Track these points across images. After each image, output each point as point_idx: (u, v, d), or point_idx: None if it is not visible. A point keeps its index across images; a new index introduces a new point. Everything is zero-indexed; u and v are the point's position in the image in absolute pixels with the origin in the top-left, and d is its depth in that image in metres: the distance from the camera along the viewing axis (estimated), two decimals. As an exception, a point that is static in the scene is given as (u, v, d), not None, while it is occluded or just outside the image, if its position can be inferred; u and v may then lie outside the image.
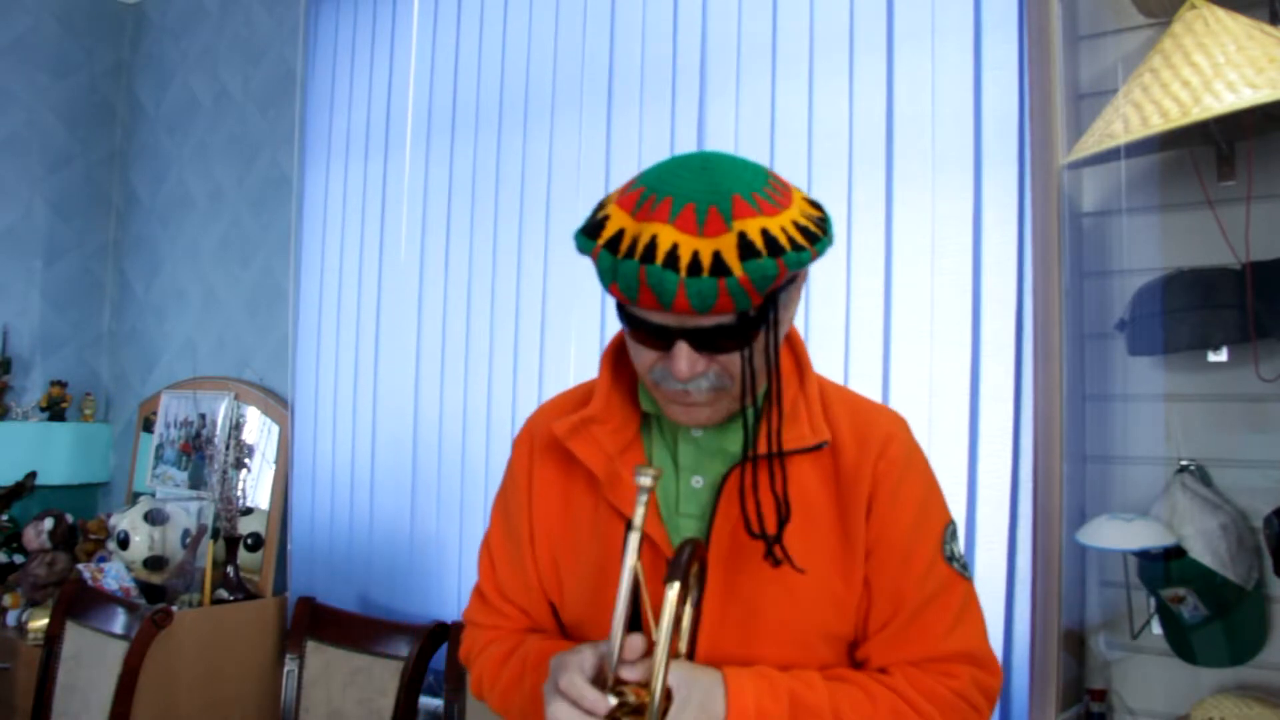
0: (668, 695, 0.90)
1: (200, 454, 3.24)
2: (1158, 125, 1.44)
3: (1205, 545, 1.50)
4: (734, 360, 0.94)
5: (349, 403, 2.85)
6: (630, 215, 0.90)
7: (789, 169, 1.99)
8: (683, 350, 0.91)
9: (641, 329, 0.93)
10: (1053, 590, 1.62)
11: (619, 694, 0.90)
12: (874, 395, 1.85)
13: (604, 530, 1.05)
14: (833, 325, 1.91)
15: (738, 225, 0.87)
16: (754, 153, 2.03)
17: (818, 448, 1.01)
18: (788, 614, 1.00)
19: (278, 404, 3.09)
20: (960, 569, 1.05)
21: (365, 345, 2.83)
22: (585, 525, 1.07)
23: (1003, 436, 1.72)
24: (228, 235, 3.45)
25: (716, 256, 0.86)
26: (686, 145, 2.15)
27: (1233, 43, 1.42)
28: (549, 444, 1.10)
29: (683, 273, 0.85)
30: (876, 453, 1.03)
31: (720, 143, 2.10)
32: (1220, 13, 1.47)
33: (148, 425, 3.53)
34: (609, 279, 0.90)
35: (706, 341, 0.91)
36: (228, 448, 3.02)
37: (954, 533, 1.06)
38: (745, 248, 0.86)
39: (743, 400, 0.96)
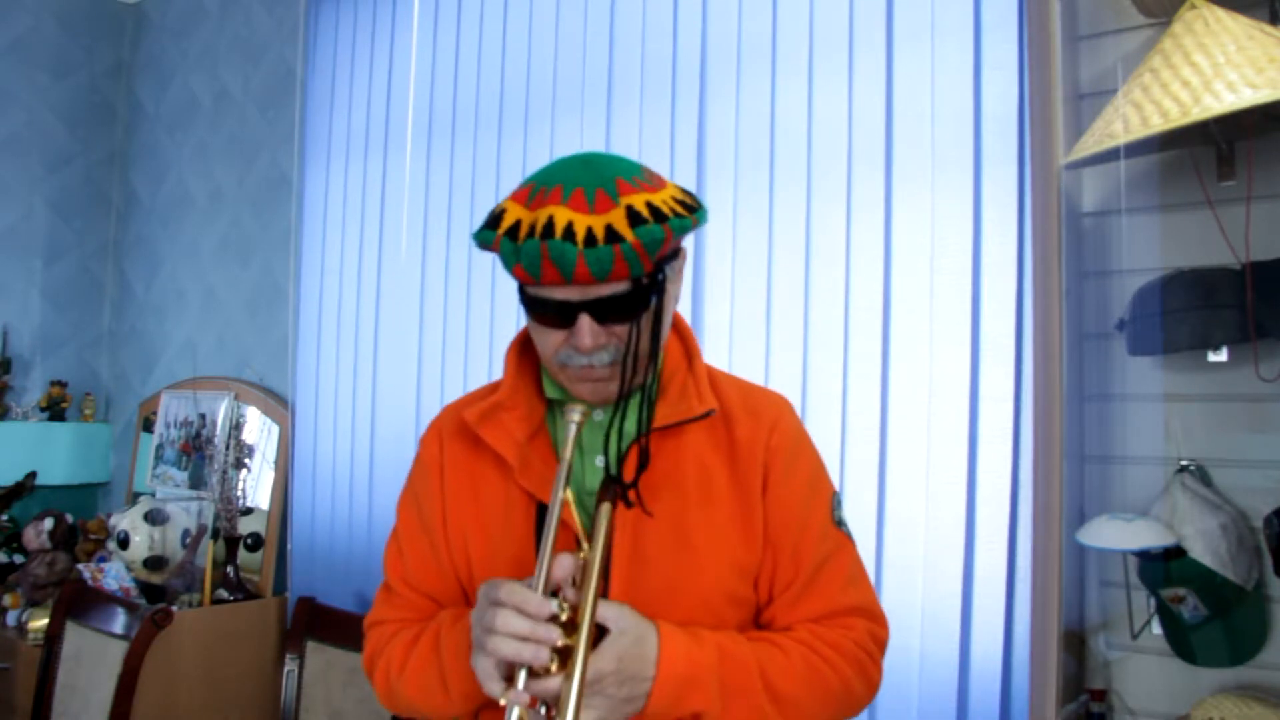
0: (602, 629, 0.95)
1: (200, 454, 3.24)
2: (1158, 125, 1.44)
3: (1205, 545, 1.50)
4: (629, 331, 1.01)
5: (349, 403, 2.85)
6: (524, 206, 1.00)
7: (789, 169, 1.99)
8: (585, 323, 0.99)
9: (544, 310, 1.01)
10: (1053, 590, 1.61)
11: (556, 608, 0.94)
12: (873, 395, 1.85)
13: (516, 514, 1.10)
14: (832, 325, 1.91)
15: (624, 200, 0.97)
16: (754, 153, 2.04)
17: (706, 415, 1.10)
18: (693, 578, 1.07)
19: (278, 404, 3.09)
20: (848, 533, 1.16)
21: (365, 345, 2.83)
22: (497, 510, 1.12)
23: (1003, 436, 1.72)
24: (228, 235, 3.45)
25: (609, 228, 0.95)
26: (686, 145, 2.15)
27: (1233, 43, 1.42)
28: (458, 432, 1.16)
29: (580, 244, 0.94)
30: (769, 428, 1.12)
31: (720, 143, 2.10)
32: (1220, 13, 1.47)
33: (148, 425, 3.53)
34: (512, 261, 0.98)
35: (605, 313, 0.99)
36: (228, 448, 3.02)
37: (839, 501, 1.17)
38: (634, 217, 0.96)
39: (635, 366, 1.02)
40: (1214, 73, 1.41)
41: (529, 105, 2.47)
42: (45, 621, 2.59)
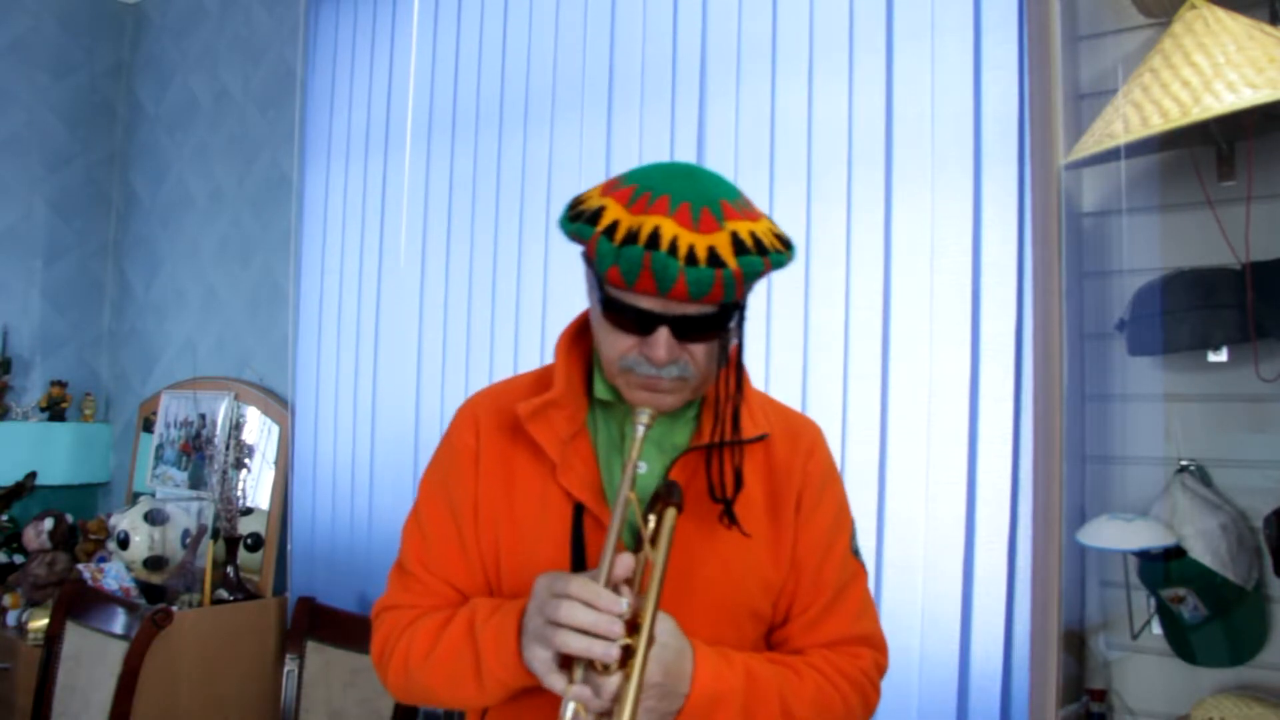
0: (653, 633, 0.95)
1: (200, 454, 3.24)
2: (1158, 125, 1.44)
3: (1205, 545, 1.50)
4: (702, 350, 1.02)
5: (349, 403, 2.85)
6: (625, 208, 0.98)
7: (789, 169, 1.99)
8: (663, 336, 0.99)
9: (624, 314, 1.00)
10: (1053, 590, 1.61)
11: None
12: (872, 396, 1.85)
13: (552, 512, 1.09)
14: (832, 325, 1.91)
15: (729, 225, 0.97)
16: (754, 153, 2.04)
17: (759, 439, 1.11)
18: (722, 592, 1.08)
19: (278, 404, 3.09)
20: (862, 562, 1.19)
21: (365, 345, 2.83)
22: (533, 506, 1.10)
23: (1003, 436, 1.72)
24: (228, 235, 3.45)
25: (712, 250, 0.95)
26: (686, 145, 2.15)
27: (1233, 43, 1.42)
28: (498, 424, 1.14)
29: (683, 261, 0.94)
30: (806, 453, 1.16)
31: (720, 143, 2.10)
32: (1220, 13, 1.47)
33: (148, 425, 3.53)
34: (609, 263, 0.96)
35: (685, 330, 0.99)
36: (228, 448, 3.02)
37: (856, 531, 1.21)
38: (738, 245, 0.96)
39: (714, 387, 1.06)
40: (1214, 73, 1.41)
41: (529, 105, 2.47)
42: (45, 621, 2.59)
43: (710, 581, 1.07)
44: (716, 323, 1.00)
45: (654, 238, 0.94)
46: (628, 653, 0.91)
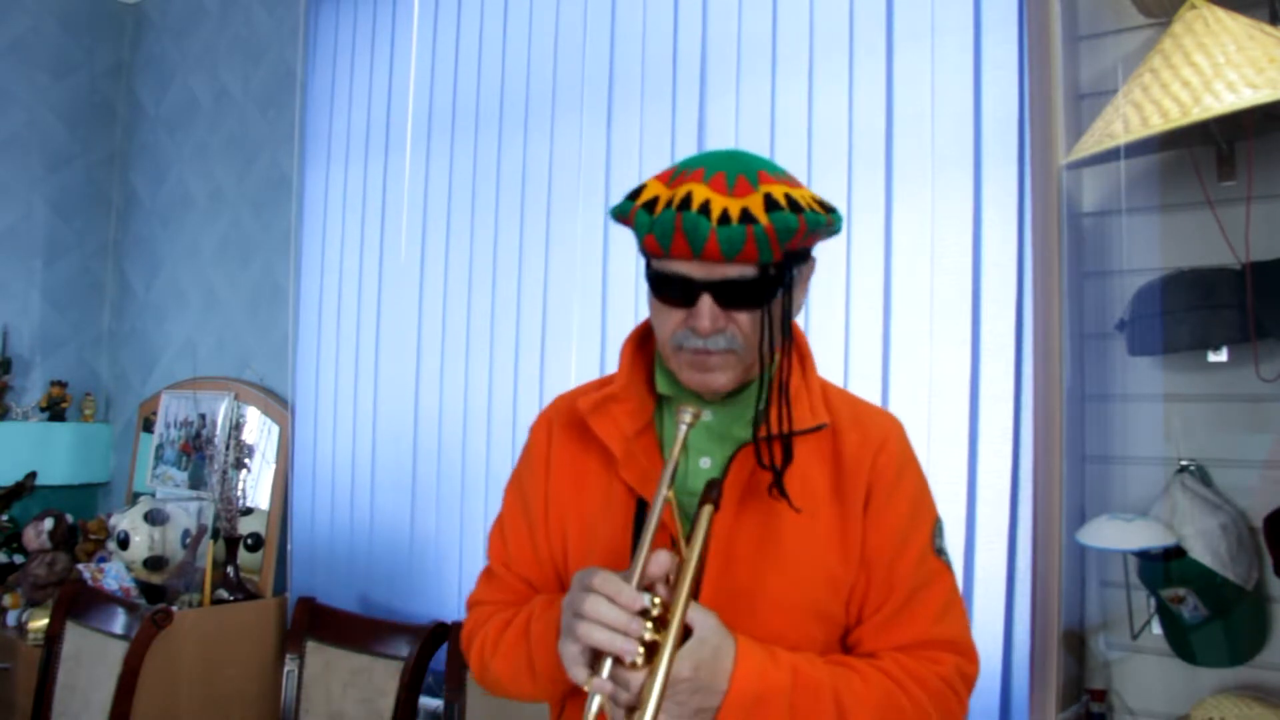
0: (687, 629, 0.94)
1: (200, 454, 3.24)
2: (1158, 125, 1.44)
3: (1205, 545, 1.50)
4: (747, 320, 1.01)
5: (349, 403, 2.85)
6: (665, 185, 1.01)
7: (789, 169, 1.98)
8: (706, 303, 1.00)
9: (667, 287, 1.02)
10: (1053, 590, 1.62)
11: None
12: (874, 395, 1.85)
13: (615, 507, 1.10)
14: (833, 325, 1.91)
15: (763, 188, 0.99)
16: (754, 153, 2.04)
17: (817, 429, 1.08)
18: (784, 589, 1.05)
19: (278, 404, 3.09)
20: (947, 562, 1.12)
21: (365, 345, 2.83)
22: (598, 501, 1.11)
23: (1003, 436, 1.72)
24: (228, 235, 3.45)
25: (744, 210, 0.96)
26: (686, 145, 2.15)
27: (1233, 43, 1.42)
28: (569, 422, 1.16)
29: (714, 221, 0.95)
30: (877, 446, 1.10)
31: (720, 143, 2.10)
32: (1220, 13, 1.47)
33: (148, 425, 3.53)
34: (645, 231, 0.99)
35: (728, 296, 1.00)
36: (228, 448, 3.02)
37: (941, 528, 1.14)
38: (771, 203, 0.98)
39: (760, 362, 1.03)
40: (1214, 73, 1.41)
41: (529, 105, 2.47)
42: (45, 621, 2.59)
43: (773, 578, 1.05)
44: (759, 289, 1.00)
45: (686, 201, 0.97)
46: (657, 648, 0.91)
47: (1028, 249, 1.70)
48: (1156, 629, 1.62)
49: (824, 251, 1.92)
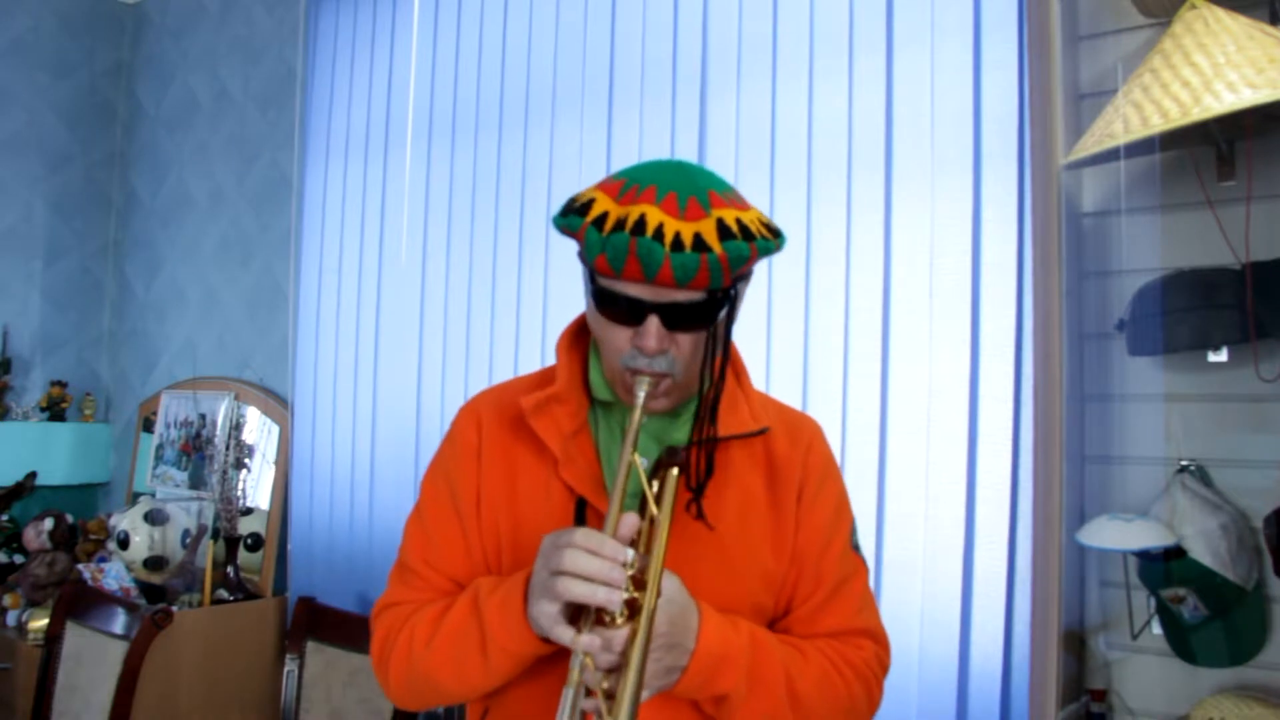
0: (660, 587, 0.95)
1: (200, 454, 3.24)
2: (1158, 125, 1.44)
3: (1205, 545, 1.50)
4: (688, 342, 1.03)
5: (349, 403, 2.85)
6: (614, 200, 1.00)
7: (789, 169, 1.99)
8: (653, 324, 1.00)
9: (614, 305, 1.02)
10: (1053, 590, 1.61)
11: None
12: (873, 396, 1.85)
13: (555, 506, 1.10)
14: (832, 325, 1.91)
15: (715, 213, 0.99)
16: (754, 153, 2.04)
17: (759, 433, 1.13)
18: (722, 584, 1.08)
19: (278, 404, 3.09)
20: (863, 558, 1.20)
21: (365, 345, 2.83)
22: (536, 500, 1.11)
23: (1003, 436, 1.72)
24: (228, 235, 3.45)
25: (698, 236, 0.96)
26: (687, 145, 2.15)
27: (1233, 43, 1.42)
28: (501, 420, 1.15)
29: (668, 247, 0.95)
30: (805, 448, 1.17)
31: (721, 143, 2.10)
32: (1220, 13, 1.47)
33: (148, 425, 3.53)
34: (596, 251, 0.98)
35: (675, 318, 1.00)
36: (228, 448, 3.02)
37: (856, 528, 1.22)
38: (723, 230, 0.98)
39: (700, 380, 1.05)
40: (1214, 73, 1.41)
41: (529, 105, 2.47)
42: (45, 621, 2.59)
43: (711, 575, 1.07)
44: (705, 311, 1.01)
45: (640, 224, 0.96)
46: (634, 608, 0.91)
47: (1027, 249, 1.70)
48: (1156, 629, 1.62)
49: (824, 252, 1.93)
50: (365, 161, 2.87)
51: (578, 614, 0.93)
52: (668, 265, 0.95)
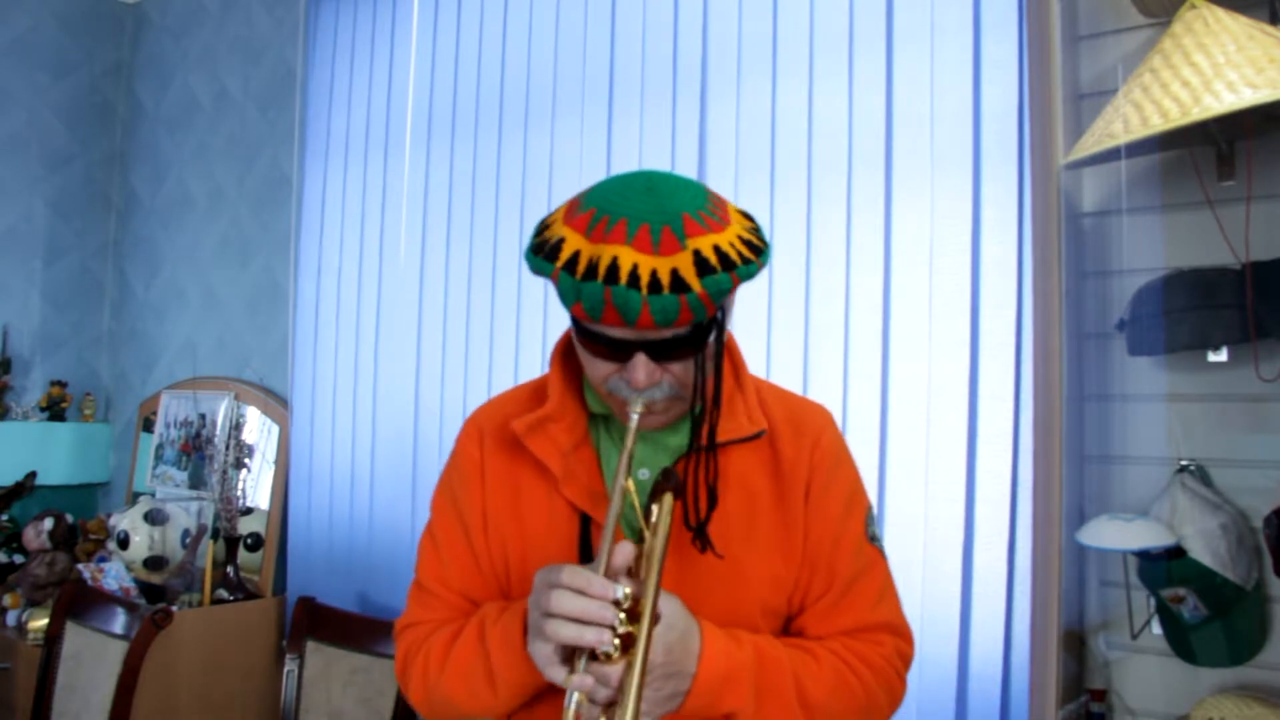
0: (656, 616, 0.93)
1: (200, 454, 3.24)
2: (1158, 125, 1.44)
3: (1205, 545, 1.50)
4: (686, 368, 1.00)
5: (349, 403, 2.85)
6: (584, 237, 0.94)
7: (789, 169, 1.99)
8: (641, 362, 0.97)
9: (599, 343, 0.98)
10: (1053, 590, 1.61)
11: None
12: (873, 396, 1.85)
13: (559, 523, 1.09)
14: (832, 325, 1.91)
15: (691, 244, 0.93)
16: (754, 153, 2.04)
17: (756, 436, 1.10)
18: (731, 591, 1.06)
19: (278, 404, 3.09)
20: (880, 548, 1.16)
21: (365, 345, 2.83)
22: (540, 518, 1.10)
23: (1002, 436, 1.72)
24: (228, 235, 3.45)
25: (675, 274, 0.91)
26: (687, 145, 2.15)
27: (1233, 43, 1.42)
28: (500, 438, 1.14)
29: (645, 291, 0.91)
30: (811, 442, 1.12)
31: (721, 143, 2.10)
32: (1220, 13, 1.47)
33: (148, 425, 3.53)
34: (571, 299, 0.94)
35: (662, 352, 0.97)
36: (228, 448, 3.02)
37: (874, 516, 1.17)
38: (701, 265, 0.92)
39: (694, 402, 1.02)
40: (1214, 73, 1.41)
41: (529, 105, 2.47)
42: (45, 621, 2.59)
43: (720, 582, 1.06)
44: (693, 340, 0.97)
45: (612, 271, 0.91)
46: (629, 641, 0.90)
47: (1027, 249, 1.70)
48: (1156, 629, 1.62)
49: (824, 251, 1.93)
50: (365, 161, 2.87)
51: (574, 650, 0.92)
52: (646, 311, 0.91)
